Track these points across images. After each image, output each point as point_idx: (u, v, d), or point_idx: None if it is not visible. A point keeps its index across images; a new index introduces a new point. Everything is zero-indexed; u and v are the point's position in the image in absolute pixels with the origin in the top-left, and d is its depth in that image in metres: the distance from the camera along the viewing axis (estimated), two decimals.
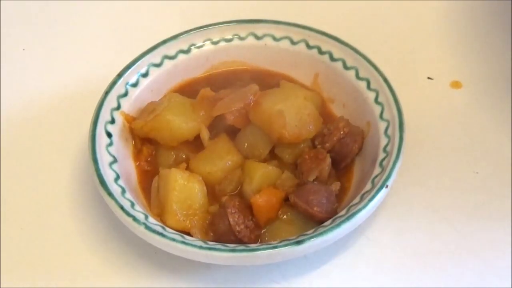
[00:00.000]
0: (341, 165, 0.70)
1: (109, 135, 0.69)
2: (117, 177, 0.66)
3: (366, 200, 0.62)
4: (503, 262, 0.66)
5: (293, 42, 0.76)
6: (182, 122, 0.69)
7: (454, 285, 0.65)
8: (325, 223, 0.63)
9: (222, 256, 0.60)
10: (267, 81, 0.75)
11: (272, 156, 0.70)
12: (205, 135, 0.70)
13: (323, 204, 0.64)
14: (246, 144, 0.69)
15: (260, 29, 0.76)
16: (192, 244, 0.60)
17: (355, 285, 0.65)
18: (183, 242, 0.60)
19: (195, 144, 0.71)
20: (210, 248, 0.60)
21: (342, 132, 0.69)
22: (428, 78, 0.82)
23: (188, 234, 0.64)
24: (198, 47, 0.76)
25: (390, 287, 0.65)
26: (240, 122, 0.70)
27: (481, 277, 0.65)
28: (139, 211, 0.63)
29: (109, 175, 0.65)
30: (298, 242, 0.60)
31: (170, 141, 0.70)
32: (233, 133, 0.70)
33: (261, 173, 0.67)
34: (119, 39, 0.87)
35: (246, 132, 0.70)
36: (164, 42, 0.75)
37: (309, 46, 0.75)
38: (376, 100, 0.70)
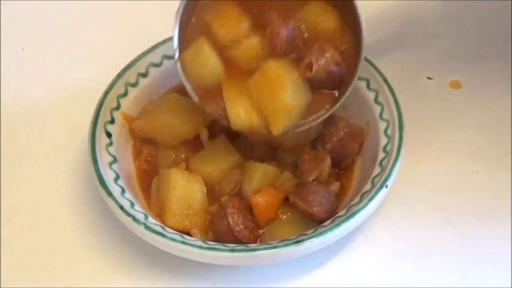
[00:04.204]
0: (342, 166, 0.70)
1: (109, 135, 0.69)
2: (117, 177, 0.66)
3: (366, 200, 0.62)
4: (503, 262, 0.66)
5: None
6: (181, 122, 0.69)
7: (454, 285, 0.65)
8: (325, 223, 0.63)
9: (222, 256, 0.60)
10: None
11: (272, 156, 0.70)
12: (204, 135, 0.70)
13: (322, 204, 0.64)
14: (245, 144, 0.69)
15: None
16: (192, 244, 0.60)
17: (355, 285, 0.65)
18: (183, 242, 0.60)
19: (195, 144, 0.71)
20: (210, 248, 0.60)
21: (342, 132, 0.69)
22: (428, 78, 0.81)
23: (188, 234, 0.64)
24: None
25: (390, 287, 0.65)
26: None
27: (481, 277, 0.65)
28: (138, 211, 0.63)
29: (109, 175, 0.65)
30: (298, 242, 0.60)
31: (169, 141, 0.70)
32: (232, 133, 0.70)
33: (261, 173, 0.67)
34: (119, 39, 0.87)
35: None
36: (164, 42, 0.74)
37: None
38: (376, 100, 0.70)
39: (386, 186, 0.63)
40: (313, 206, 0.64)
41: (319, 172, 0.66)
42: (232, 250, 0.60)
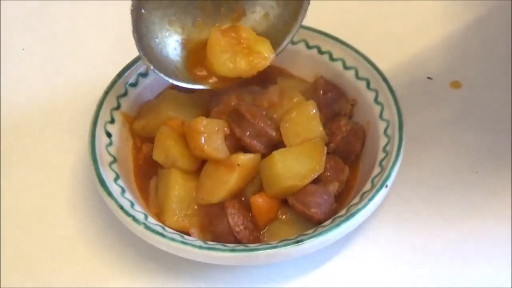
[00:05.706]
0: (346, 163, 0.69)
1: (108, 135, 0.69)
2: (117, 177, 0.66)
3: (365, 200, 0.62)
4: (503, 262, 0.66)
5: (293, 42, 0.76)
6: (184, 117, 0.69)
7: (454, 285, 0.65)
8: (325, 223, 0.63)
9: (222, 256, 0.60)
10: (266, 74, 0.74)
11: None
12: None
13: (320, 206, 0.64)
14: None
15: None
16: (191, 244, 0.60)
17: (355, 285, 0.65)
18: (182, 242, 0.60)
19: None
20: (210, 248, 0.60)
21: (344, 129, 0.69)
22: (428, 78, 0.81)
23: (187, 234, 0.64)
24: None
25: (390, 287, 0.65)
26: None
27: (481, 277, 0.65)
28: (138, 211, 0.63)
29: (109, 175, 0.65)
30: (298, 242, 0.60)
31: None
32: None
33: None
34: (119, 39, 0.87)
35: None
36: None
37: (308, 46, 0.75)
38: (375, 100, 0.70)
39: (386, 186, 0.63)
40: (311, 208, 0.63)
41: (339, 183, 0.66)
42: (232, 250, 0.60)
